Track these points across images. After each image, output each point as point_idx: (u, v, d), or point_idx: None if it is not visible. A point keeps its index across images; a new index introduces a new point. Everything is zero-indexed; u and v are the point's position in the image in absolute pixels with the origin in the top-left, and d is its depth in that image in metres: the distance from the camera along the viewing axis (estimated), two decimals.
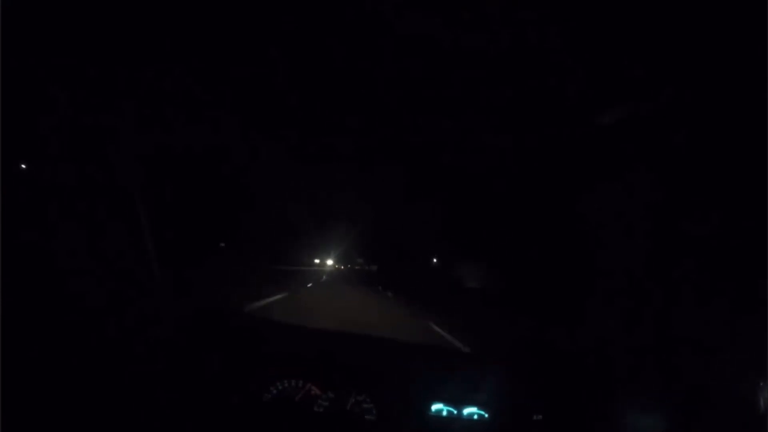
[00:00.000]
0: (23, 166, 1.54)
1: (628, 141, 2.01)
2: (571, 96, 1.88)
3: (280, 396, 1.70)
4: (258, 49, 1.71)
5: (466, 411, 1.76)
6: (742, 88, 1.62)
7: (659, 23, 1.55)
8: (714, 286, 1.86)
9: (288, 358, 1.82)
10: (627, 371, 1.93)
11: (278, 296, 5.38)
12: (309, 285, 9.58)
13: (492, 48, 1.65)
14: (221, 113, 2.07)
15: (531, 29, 1.60)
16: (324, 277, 12.72)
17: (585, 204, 2.39)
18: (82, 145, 1.66)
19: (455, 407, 1.76)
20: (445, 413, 1.75)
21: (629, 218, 2.19)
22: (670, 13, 1.51)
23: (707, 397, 1.68)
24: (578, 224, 2.52)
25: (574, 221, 2.56)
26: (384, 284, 9.22)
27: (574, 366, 2.01)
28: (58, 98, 1.62)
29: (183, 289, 1.90)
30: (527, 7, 1.52)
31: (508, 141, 2.19)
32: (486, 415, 1.77)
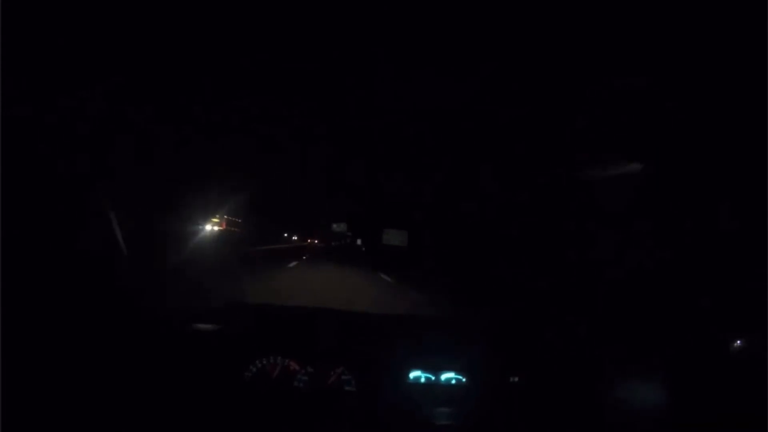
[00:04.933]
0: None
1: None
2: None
3: (259, 374, 1.69)
4: None
5: (444, 376, 1.78)
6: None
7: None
8: (700, 252, 1.86)
9: (266, 336, 1.82)
10: (613, 337, 1.94)
11: None
12: None
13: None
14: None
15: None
16: None
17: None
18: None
19: (433, 373, 1.77)
20: (423, 380, 1.76)
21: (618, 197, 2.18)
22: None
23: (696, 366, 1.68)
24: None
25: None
26: None
27: (554, 329, 2.01)
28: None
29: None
30: None
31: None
32: (464, 380, 1.78)
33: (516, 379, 1.79)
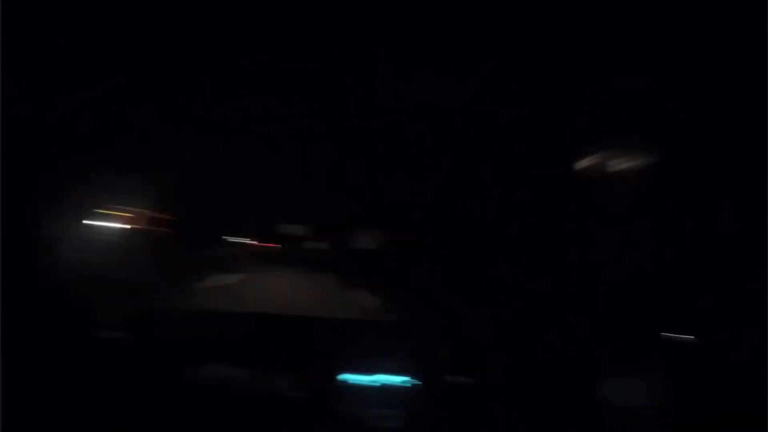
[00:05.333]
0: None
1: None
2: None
3: (196, 383, 1.67)
4: None
5: (387, 379, 1.78)
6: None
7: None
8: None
9: (201, 344, 1.79)
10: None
11: None
12: None
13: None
14: None
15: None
16: None
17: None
18: None
19: (372, 376, 1.77)
20: (365, 383, 1.76)
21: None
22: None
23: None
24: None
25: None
26: None
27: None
28: None
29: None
30: None
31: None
32: (405, 382, 1.78)
33: (460, 378, 1.80)
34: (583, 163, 2.41)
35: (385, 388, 1.77)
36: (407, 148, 3.02)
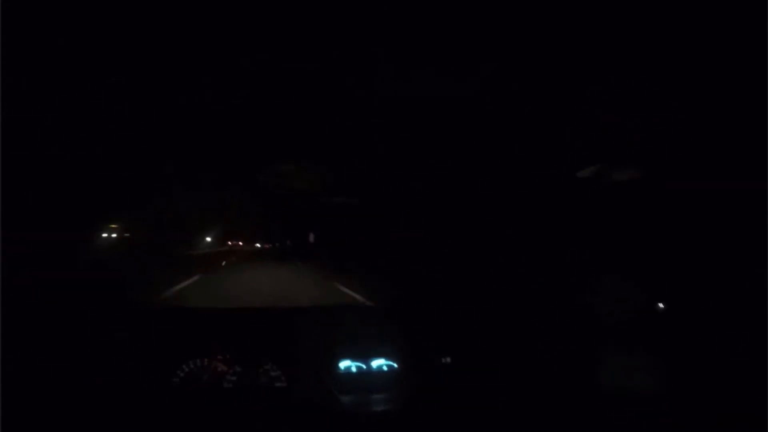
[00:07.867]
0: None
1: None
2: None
3: (188, 378, 1.66)
4: None
5: (375, 364, 1.78)
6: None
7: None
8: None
9: (190, 339, 1.79)
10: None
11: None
12: None
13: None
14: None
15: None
16: None
17: None
18: None
19: (363, 362, 1.77)
20: (354, 369, 1.76)
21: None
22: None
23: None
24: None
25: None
26: None
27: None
28: None
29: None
30: None
31: None
32: (395, 365, 1.79)
33: (448, 359, 1.80)
34: (583, 162, 2.41)
35: (376, 373, 1.77)
36: (407, 148, 3.02)
